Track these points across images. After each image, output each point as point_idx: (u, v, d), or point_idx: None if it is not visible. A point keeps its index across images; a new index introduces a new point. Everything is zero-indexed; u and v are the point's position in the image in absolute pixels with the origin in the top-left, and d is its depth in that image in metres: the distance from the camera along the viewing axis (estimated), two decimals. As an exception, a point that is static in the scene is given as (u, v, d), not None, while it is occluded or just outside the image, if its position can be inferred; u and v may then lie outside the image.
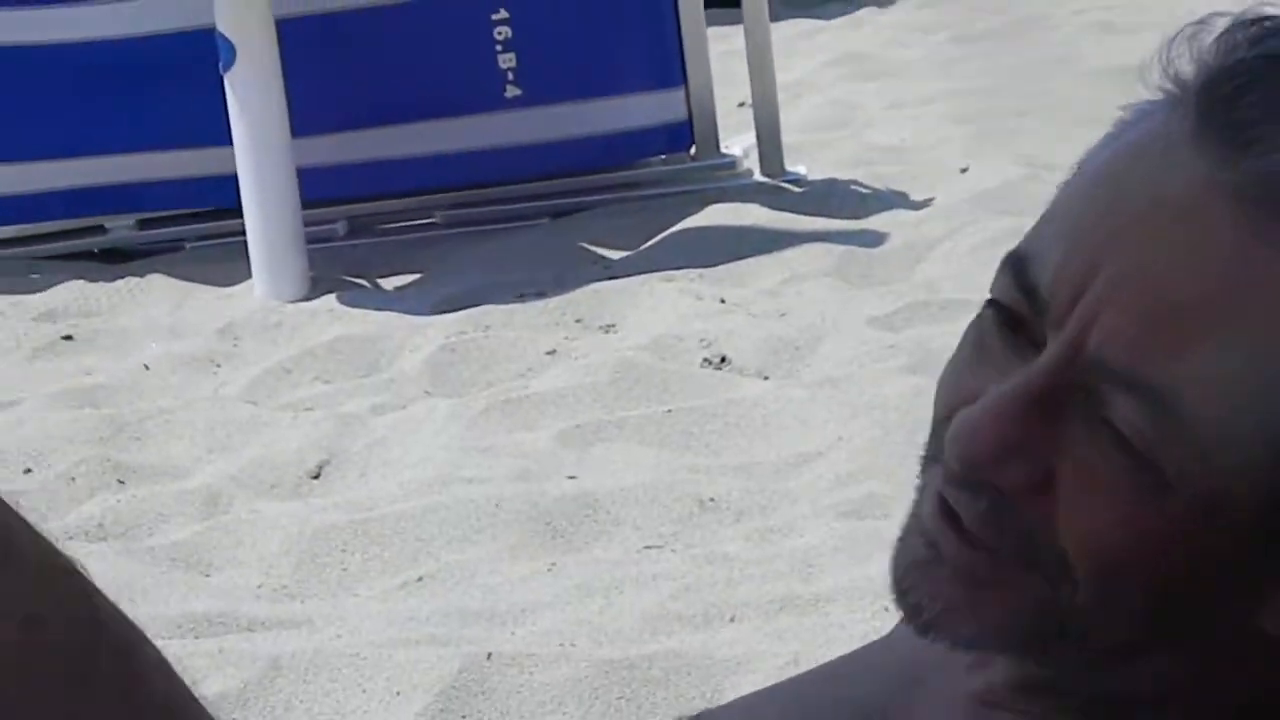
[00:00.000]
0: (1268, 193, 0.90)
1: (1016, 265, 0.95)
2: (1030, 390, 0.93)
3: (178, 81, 5.85)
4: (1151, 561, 0.93)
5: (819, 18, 8.53)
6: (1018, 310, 0.95)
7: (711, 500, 3.97)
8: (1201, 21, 0.95)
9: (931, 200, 5.75)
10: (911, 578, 0.97)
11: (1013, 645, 0.98)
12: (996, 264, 0.97)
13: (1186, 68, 0.94)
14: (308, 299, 5.38)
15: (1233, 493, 0.92)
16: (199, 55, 5.60)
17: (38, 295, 5.68)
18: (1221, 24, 0.94)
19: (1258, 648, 0.96)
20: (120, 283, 5.70)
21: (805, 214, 5.62)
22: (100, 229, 6.12)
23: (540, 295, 5.23)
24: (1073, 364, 0.92)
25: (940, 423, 0.97)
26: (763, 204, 5.77)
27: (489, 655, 3.37)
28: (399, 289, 5.52)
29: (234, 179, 5.49)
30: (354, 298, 5.39)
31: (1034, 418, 0.92)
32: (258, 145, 5.39)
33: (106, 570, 3.85)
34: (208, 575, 3.92)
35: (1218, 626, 0.96)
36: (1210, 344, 0.90)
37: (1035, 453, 0.93)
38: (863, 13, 8.52)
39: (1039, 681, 1.00)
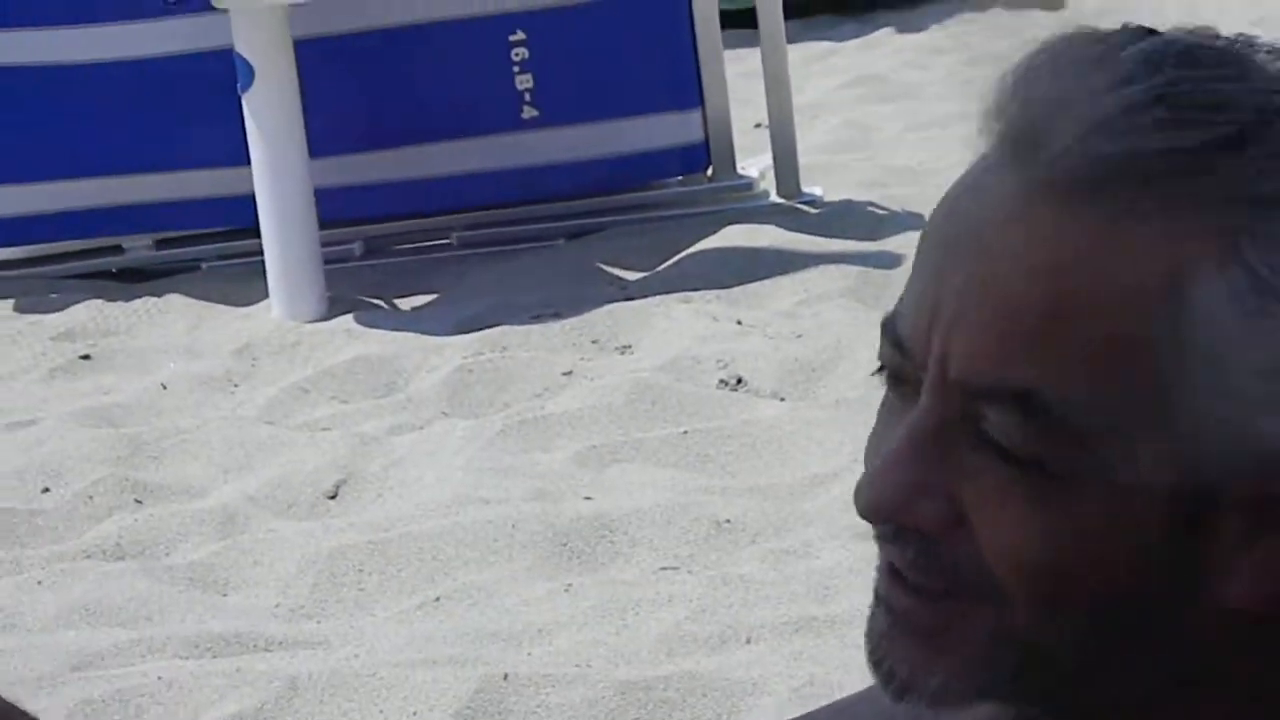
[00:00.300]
0: (1068, 177, 0.92)
1: (887, 326, 0.99)
2: (914, 433, 0.95)
3: (196, 102, 5.87)
4: (1077, 561, 0.94)
5: (834, 39, 8.55)
6: (897, 368, 0.98)
7: (728, 522, 3.97)
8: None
9: (947, 222, 5.74)
10: (880, 648, 0.99)
11: (984, 687, 0.98)
12: None
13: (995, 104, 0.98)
14: (325, 319, 5.39)
15: (1131, 472, 0.93)
16: (217, 76, 5.62)
17: (56, 315, 5.70)
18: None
19: (1237, 627, 0.96)
20: (138, 302, 5.72)
21: (821, 235, 5.62)
22: (118, 249, 6.14)
23: (557, 316, 5.24)
24: (943, 396, 0.94)
25: None
26: (779, 225, 5.78)
27: (505, 676, 3.38)
28: (416, 309, 5.53)
29: (252, 199, 5.50)
30: (371, 318, 5.40)
31: (926, 457, 0.95)
32: (275, 166, 5.41)
33: (124, 589, 3.87)
34: (225, 595, 3.93)
35: (1181, 613, 0.96)
36: (1057, 333, 0.92)
37: (937, 489, 0.95)
38: (879, 34, 8.54)
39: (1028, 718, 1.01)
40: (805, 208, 6.01)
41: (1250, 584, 0.95)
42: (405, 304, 5.59)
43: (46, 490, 4.47)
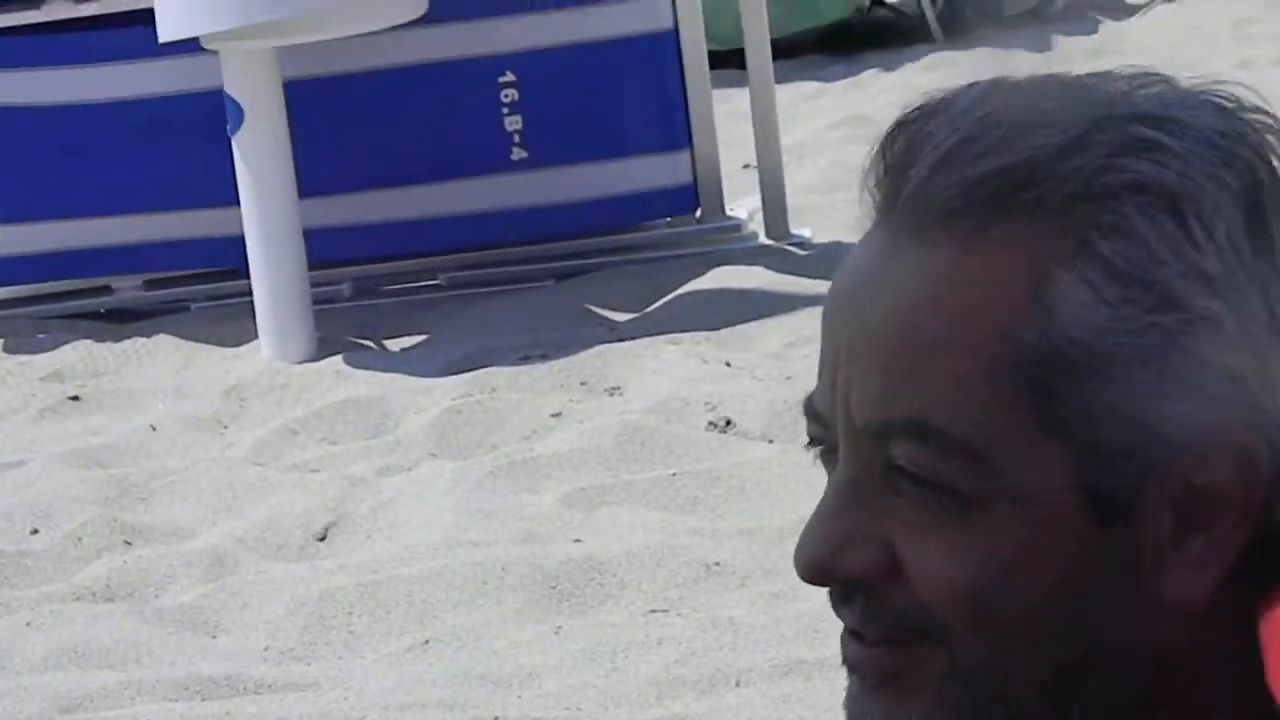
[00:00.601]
0: (921, 216, 0.96)
1: (806, 405, 1.02)
2: (838, 488, 0.98)
3: (185, 142, 5.88)
4: (1006, 582, 0.95)
5: (822, 79, 8.58)
6: (821, 439, 1.01)
7: (717, 564, 3.98)
8: None
9: (935, 264, 5.76)
10: (854, 711, 1.01)
11: None
12: None
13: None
14: (314, 360, 5.40)
15: (1037, 482, 0.95)
16: (206, 116, 5.64)
17: (45, 355, 5.70)
18: None
19: (1188, 625, 0.97)
20: (127, 343, 5.72)
21: (810, 277, 5.63)
22: (107, 289, 6.14)
23: (545, 358, 5.25)
24: (855, 447, 0.97)
25: None
26: (768, 267, 5.80)
27: (495, 719, 3.38)
28: (405, 350, 5.54)
29: (241, 240, 5.51)
30: (360, 359, 5.41)
31: (851, 509, 0.97)
32: (265, 206, 5.42)
33: (113, 631, 3.87)
34: (214, 637, 3.93)
35: (1125, 619, 0.97)
36: (931, 362, 0.95)
37: (867, 537, 0.97)
38: (866, 75, 8.57)
39: None
40: (794, 249, 6.02)
41: (1188, 581, 0.96)
42: (394, 345, 5.60)
43: (35, 532, 4.47)
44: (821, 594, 3.37)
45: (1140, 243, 0.94)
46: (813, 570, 0.98)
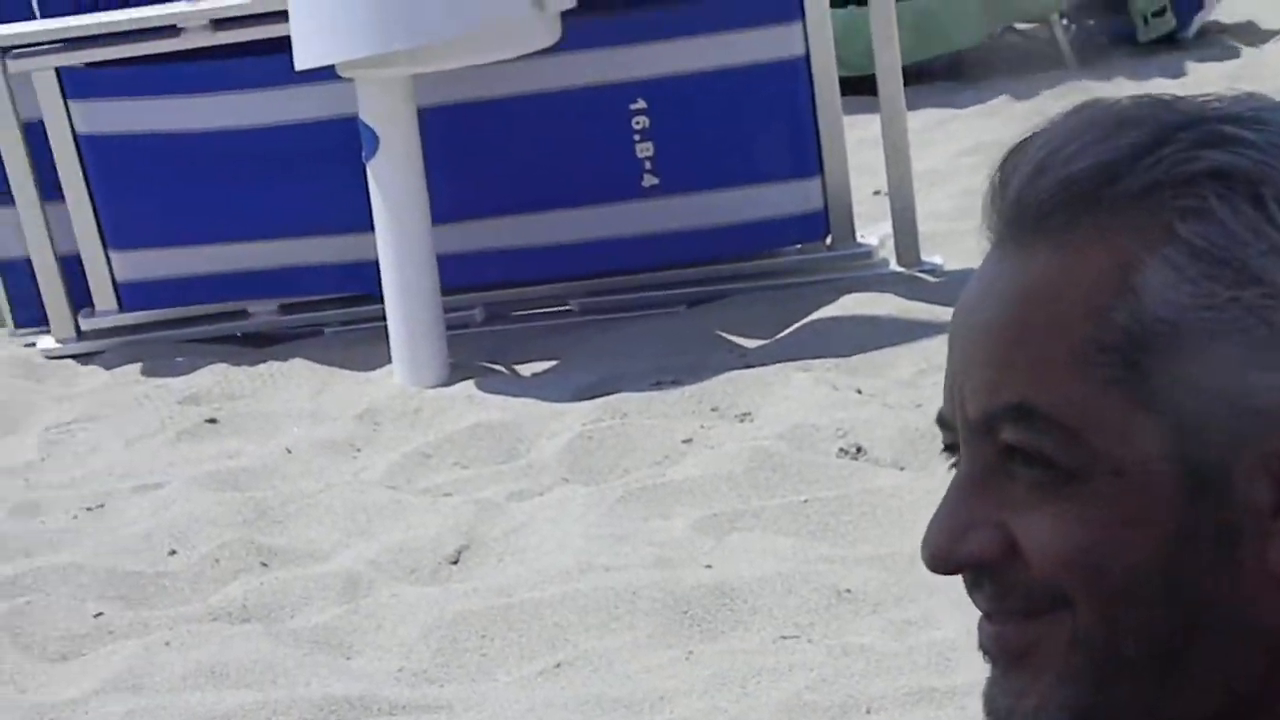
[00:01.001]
0: (1019, 222, 1.05)
1: (939, 416, 1.11)
2: (958, 481, 1.07)
3: (321, 169, 5.95)
4: (1113, 550, 1.02)
5: (953, 106, 8.55)
6: (952, 445, 1.10)
7: (848, 591, 3.98)
8: None
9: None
10: (989, 696, 1.08)
11: (1084, 699, 1.04)
12: None
13: None
14: (446, 385, 5.44)
15: (1134, 457, 1.01)
16: (342, 143, 5.70)
17: (182, 378, 5.78)
18: None
19: None
20: (262, 367, 5.79)
21: (941, 304, 5.61)
22: (243, 314, 6.21)
23: (676, 383, 5.26)
24: (971, 441, 1.06)
25: None
26: (899, 294, 5.78)
27: (627, 743, 3.39)
28: (536, 376, 5.57)
29: (375, 265, 5.56)
30: (492, 384, 5.44)
31: (970, 499, 1.06)
32: (399, 232, 5.47)
33: (249, 652, 3.91)
34: (348, 658, 3.96)
35: (1231, 588, 1.01)
36: (1030, 350, 1.03)
37: (985, 522, 1.05)
38: (998, 101, 8.53)
39: None
40: (925, 276, 6.01)
41: None
42: (526, 370, 5.63)
43: (173, 553, 4.53)
44: (953, 622, 3.37)
45: (1220, 225, 1.01)
46: (936, 559, 1.07)
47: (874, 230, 6.26)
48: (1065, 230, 1.03)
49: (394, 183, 5.47)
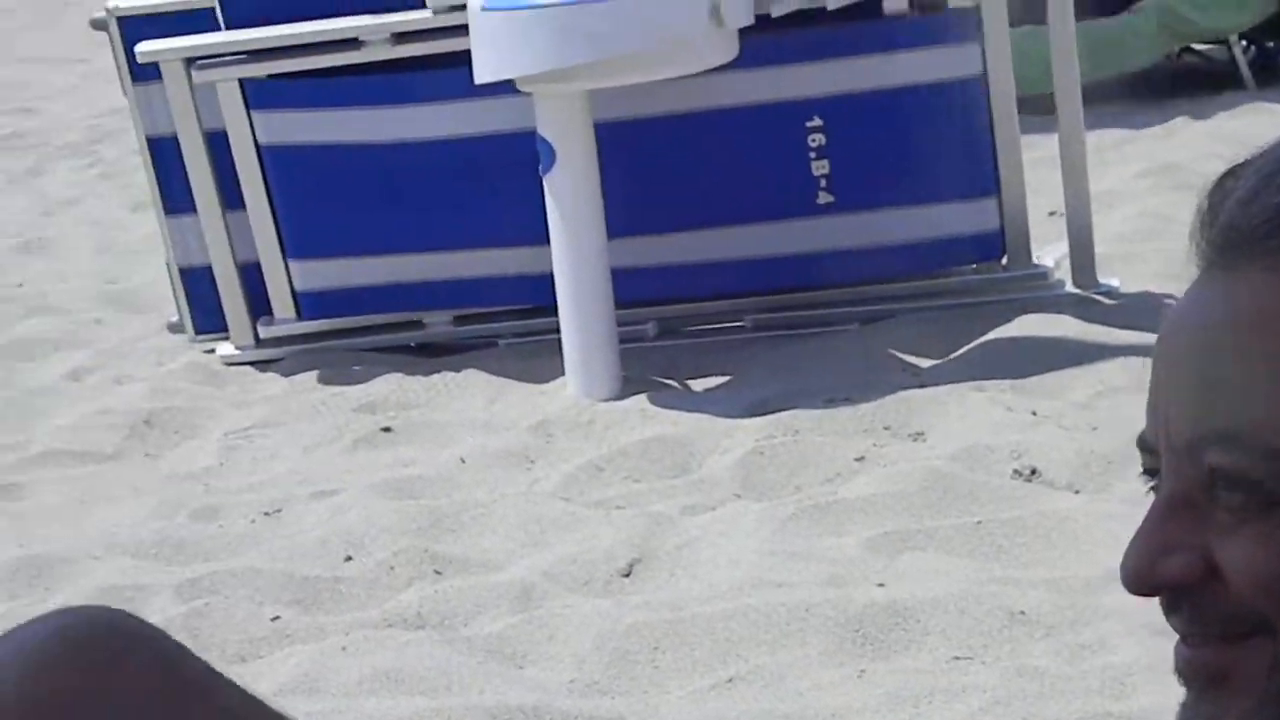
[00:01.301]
0: (1228, 248, 1.06)
1: (1139, 439, 1.12)
2: (1158, 504, 1.07)
3: (498, 182, 6.00)
4: None
5: (1129, 126, 8.47)
6: (1150, 467, 1.10)
7: (1022, 613, 3.95)
8: None
9: (1247, 315, 5.66)
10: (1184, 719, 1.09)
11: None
12: None
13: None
14: (619, 398, 5.47)
15: None
16: (519, 157, 5.74)
17: (358, 387, 5.85)
18: None
19: None
20: (437, 377, 5.85)
21: (1118, 327, 5.57)
22: (418, 324, 6.28)
23: (849, 401, 5.25)
24: (1175, 466, 1.06)
25: None
26: (1075, 315, 5.74)
27: (799, 760, 3.39)
28: (708, 391, 5.58)
29: (549, 278, 5.60)
30: (664, 399, 5.46)
31: (1170, 522, 1.06)
32: (574, 246, 5.50)
33: (424, 658, 3.95)
34: (521, 668, 3.99)
35: None
36: (1237, 371, 1.03)
37: (1185, 545, 1.05)
38: (1175, 122, 8.45)
39: None
40: (1102, 298, 5.96)
41: None
42: (698, 385, 5.65)
43: (349, 559, 4.58)
44: (1128, 647, 3.34)
45: None
46: (1135, 579, 1.07)
47: (1050, 251, 6.22)
48: (1276, 253, 1.04)
49: (570, 197, 5.51)
